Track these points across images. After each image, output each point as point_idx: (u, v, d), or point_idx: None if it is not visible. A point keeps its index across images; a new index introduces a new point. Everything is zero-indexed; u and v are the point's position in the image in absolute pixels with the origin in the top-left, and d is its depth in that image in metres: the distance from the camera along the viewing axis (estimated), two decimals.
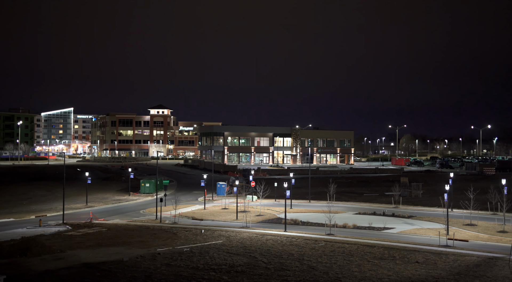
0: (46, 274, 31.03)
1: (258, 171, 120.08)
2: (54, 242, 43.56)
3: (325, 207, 55.83)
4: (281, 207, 65.89)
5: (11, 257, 36.41)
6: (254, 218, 58.85)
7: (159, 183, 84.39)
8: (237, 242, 43.92)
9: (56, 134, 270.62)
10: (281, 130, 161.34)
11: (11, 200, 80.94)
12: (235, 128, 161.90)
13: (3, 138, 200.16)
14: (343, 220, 55.44)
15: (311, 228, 52.43)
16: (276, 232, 49.24)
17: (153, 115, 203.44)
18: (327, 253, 39.30)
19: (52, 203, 77.10)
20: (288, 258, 36.99)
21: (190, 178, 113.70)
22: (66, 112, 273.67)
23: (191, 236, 47.30)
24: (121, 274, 31.21)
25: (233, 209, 65.17)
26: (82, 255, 37.84)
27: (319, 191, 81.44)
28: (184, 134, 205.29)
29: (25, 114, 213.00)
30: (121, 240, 45.21)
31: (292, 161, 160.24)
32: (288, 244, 43.10)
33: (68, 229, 53.11)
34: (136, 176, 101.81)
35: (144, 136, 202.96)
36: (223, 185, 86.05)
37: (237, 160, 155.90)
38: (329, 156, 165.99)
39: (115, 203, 76.04)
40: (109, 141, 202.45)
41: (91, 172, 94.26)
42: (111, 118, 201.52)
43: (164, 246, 41.99)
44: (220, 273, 32.17)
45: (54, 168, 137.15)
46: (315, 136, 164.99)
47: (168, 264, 34.59)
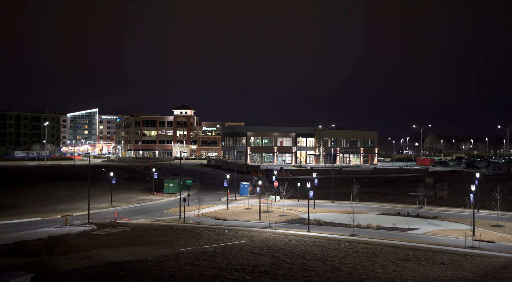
0: (72, 272, 31.48)
1: (281, 171, 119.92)
2: (80, 241, 44.15)
3: (349, 207, 55.48)
4: (304, 207, 65.72)
5: (38, 256, 37.02)
6: (277, 218, 58.79)
7: (182, 183, 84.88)
8: (260, 242, 43.93)
9: (81, 135, 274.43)
10: (304, 130, 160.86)
11: (38, 200, 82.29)
12: (257, 129, 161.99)
13: (30, 138, 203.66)
14: (366, 220, 55.03)
15: (334, 229, 52.16)
16: (299, 232, 49.11)
17: (177, 116, 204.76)
18: (351, 253, 39.05)
19: (78, 202, 78.17)
20: (311, 259, 36.86)
21: (213, 178, 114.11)
22: (91, 113, 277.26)
23: (214, 236, 47.46)
24: (145, 274, 31.48)
25: (256, 209, 65.21)
26: (107, 254, 38.27)
27: (342, 191, 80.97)
28: (207, 135, 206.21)
29: (52, 115, 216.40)
30: (145, 239, 45.60)
31: (315, 161, 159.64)
32: (311, 244, 42.94)
33: (93, 228, 53.76)
34: (159, 176, 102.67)
35: (167, 136, 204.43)
36: (246, 185, 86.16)
37: (260, 160, 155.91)
38: (353, 156, 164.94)
39: (139, 203, 76.75)
40: (133, 141, 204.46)
41: (115, 172, 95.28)
42: (135, 118, 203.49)
43: (188, 245, 42.22)
44: (243, 273, 32.21)
45: (80, 168, 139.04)
46: (338, 136, 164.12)
47: (191, 263, 34.76)
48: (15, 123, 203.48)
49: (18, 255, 37.34)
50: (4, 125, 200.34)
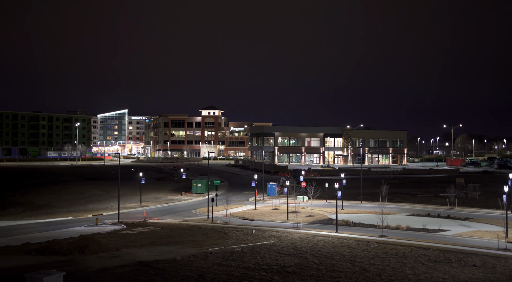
0: (103, 271, 31.95)
1: (309, 171, 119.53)
2: (110, 240, 44.79)
3: (377, 208, 54.96)
4: (332, 208, 65.39)
5: (70, 254, 37.69)
6: (305, 218, 58.63)
7: (210, 183, 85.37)
8: (288, 242, 43.88)
9: (111, 135, 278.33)
10: (332, 130, 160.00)
11: (69, 199, 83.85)
12: (285, 129, 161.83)
13: (62, 139, 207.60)
14: (396, 221, 54.44)
15: (363, 229, 51.74)
16: (327, 232, 48.87)
17: (205, 116, 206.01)
18: (380, 254, 38.68)
19: (108, 202, 79.34)
20: (339, 259, 36.64)
21: (240, 178, 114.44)
22: (121, 113, 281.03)
23: (242, 236, 47.58)
24: (174, 273, 31.75)
25: (283, 210, 65.15)
26: (137, 253, 38.73)
27: (371, 191, 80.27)
28: (235, 135, 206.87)
29: (83, 116, 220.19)
30: (174, 239, 46.00)
31: (343, 161, 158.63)
32: (340, 245, 42.69)
33: (123, 227, 54.46)
34: (188, 176, 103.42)
35: (195, 137, 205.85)
36: (273, 185, 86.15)
37: (288, 160, 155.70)
38: (381, 156, 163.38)
39: (168, 203, 77.47)
40: (161, 141, 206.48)
41: (144, 172, 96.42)
42: (163, 119, 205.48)
43: (216, 245, 42.43)
44: (271, 273, 32.21)
45: (110, 168, 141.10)
46: (366, 136, 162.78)
47: (219, 263, 34.92)
48: (48, 124, 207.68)
49: (50, 253, 38.10)
50: (37, 126, 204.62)
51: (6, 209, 75.83)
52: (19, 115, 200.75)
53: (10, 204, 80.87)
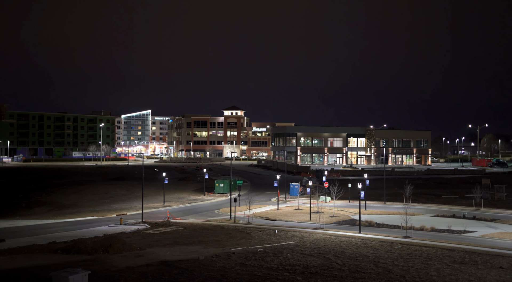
0: (127, 270, 32.22)
1: (332, 172, 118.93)
2: (134, 240, 45.19)
3: (401, 209, 54.41)
4: (355, 208, 64.94)
5: (94, 254, 38.12)
6: (328, 219, 58.35)
7: (233, 183, 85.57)
8: (310, 243, 43.71)
9: (135, 136, 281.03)
10: (354, 130, 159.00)
11: (94, 199, 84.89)
12: (307, 129, 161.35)
13: (87, 139, 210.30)
14: (420, 222, 53.83)
15: (386, 230, 51.27)
16: (350, 233, 48.55)
17: (227, 117, 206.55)
18: (404, 256, 38.26)
19: (132, 202, 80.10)
20: (363, 260, 36.35)
21: (263, 179, 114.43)
22: (144, 114, 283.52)
23: (264, 236, 47.55)
24: (197, 273, 31.86)
25: (306, 210, 64.94)
26: (160, 253, 38.97)
27: (395, 192, 79.52)
28: (257, 135, 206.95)
29: (107, 117, 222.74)
30: (197, 239, 46.19)
31: (366, 161, 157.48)
32: (363, 246, 42.36)
33: (146, 227, 54.91)
34: (210, 176, 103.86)
35: (218, 137, 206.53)
36: (296, 185, 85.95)
37: (310, 161, 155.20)
38: (405, 156, 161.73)
39: (190, 203, 77.87)
40: (184, 141, 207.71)
41: (167, 172, 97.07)
42: (186, 119, 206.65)
43: (239, 245, 42.47)
44: (294, 273, 32.11)
45: (133, 168, 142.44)
46: (390, 136, 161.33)
47: (242, 263, 34.93)
48: (73, 125, 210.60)
49: (76, 252, 38.58)
50: (63, 127, 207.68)
51: (33, 209, 77.20)
52: (45, 116, 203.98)
53: (37, 203, 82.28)
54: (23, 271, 31.76)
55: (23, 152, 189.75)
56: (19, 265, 33.83)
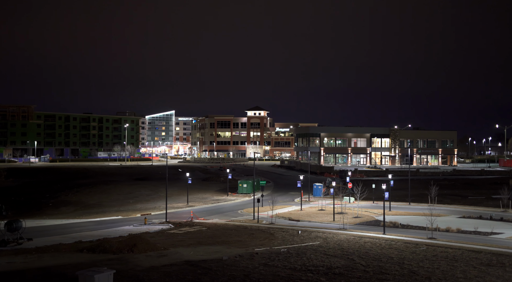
0: (151, 270, 32.50)
1: (355, 172, 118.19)
2: (158, 240, 45.56)
3: (426, 210, 53.78)
4: (379, 209, 64.41)
5: (119, 253, 38.54)
6: (352, 219, 57.99)
7: (256, 184, 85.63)
8: (334, 243, 43.49)
9: (159, 136, 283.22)
10: (378, 130, 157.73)
11: (119, 199, 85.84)
12: (331, 129, 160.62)
13: (112, 140, 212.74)
14: (445, 223, 53.12)
15: (411, 231, 50.74)
16: (374, 234, 48.17)
17: (250, 117, 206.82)
18: (429, 257, 37.80)
19: (156, 202, 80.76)
20: (387, 262, 36.02)
21: (286, 179, 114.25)
22: (168, 115, 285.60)
23: (288, 236, 47.48)
24: (221, 273, 31.96)
25: (329, 210, 64.64)
26: (184, 252, 39.20)
27: (420, 193, 78.61)
28: (280, 136, 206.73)
29: (131, 117, 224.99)
30: (220, 239, 46.35)
31: (390, 162, 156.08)
32: (387, 247, 41.99)
33: (170, 227, 55.29)
34: (234, 177, 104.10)
35: (241, 137, 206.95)
36: (319, 186, 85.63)
37: (334, 161, 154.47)
38: (430, 157, 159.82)
39: (214, 203, 78.15)
40: (208, 142, 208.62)
41: (191, 172, 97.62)
42: (209, 120, 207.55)
43: (262, 246, 42.48)
44: (317, 274, 31.99)
45: (157, 168, 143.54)
46: (415, 136, 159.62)
47: (265, 264, 34.93)
48: (98, 125, 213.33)
49: (101, 251, 39.07)
50: (88, 127, 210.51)
51: (59, 208, 78.44)
52: (71, 117, 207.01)
53: (63, 203, 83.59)
54: (51, 270, 32.31)
55: (49, 152, 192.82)
56: (47, 264, 34.42)
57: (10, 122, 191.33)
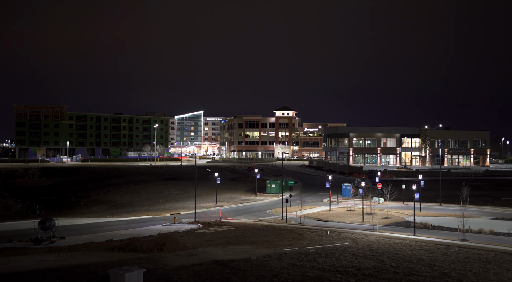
0: (180, 269, 32.75)
1: (385, 172, 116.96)
2: (187, 239, 45.89)
3: (458, 211, 52.86)
4: (409, 210, 63.60)
5: (149, 252, 38.96)
6: (381, 220, 57.40)
7: (284, 184, 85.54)
8: (363, 244, 43.13)
9: (188, 136, 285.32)
10: (409, 130, 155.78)
11: (148, 198, 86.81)
12: (360, 129, 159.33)
13: (142, 140, 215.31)
14: (478, 225, 52.11)
15: (442, 233, 49.95)
16: (404, 235, 47.59)
17: (279, 117, 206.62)
18: (461, 259, 37.13)
19: (185, 201, 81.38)
20: (418, 263, 35.53)
21: (315, 179, 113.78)
22: (197, 115, 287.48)
23: (316, 237, 47.29)
24: (249, 272, 32.01)
25: (359, 211, 64.12)
26: (213, 252, 39.39)
27: (451, 194, 77.32)
28: (309, 136, 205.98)
29: (161, 118, 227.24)
30: (248, 239, 46.43)
31: (420, 162, 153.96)
32: (418, 248, 41.42)
33: (199, 227, 55.63)
34: (262, 177, 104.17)
35: (269, 137, 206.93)
36: (348, 186, 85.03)
37: (363, 161, 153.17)
38: (462, 157, 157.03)
39: (242, 203, 78.33)
40: (236, 142, 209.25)
41: (220, 172, 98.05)
42: (238, 120, 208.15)
43: (290, 246, 42.40)
44: (346, 275, 31.76)
45: (186, 168, 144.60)
46: (446, 136, 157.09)
47: (294, 264, 34.85)
48: (128, 125, 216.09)
49: (131, 250, 39.55)
50: (119, 127, 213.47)
51: (91, 207, 79.78)
52: (102, 117, 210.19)
53: (94, 202, 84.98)
54: (82, 268, 32.87)
55: (81, 152, 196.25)
56: (79, 262, 35.03)
57: (43, 123, 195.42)
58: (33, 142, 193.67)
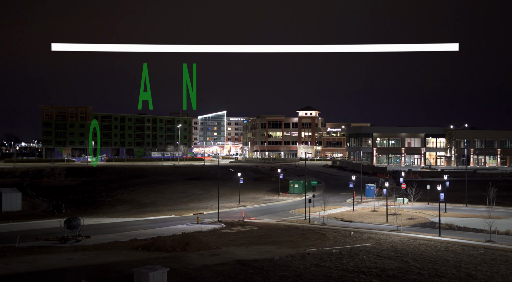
0: (204, 268, 32.94)
1: (409, 173, 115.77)
2: (211, 239, 46.11)
3: (484, 212, 52.04)
4: (434, 211, 62.85)
5: (173, 251, 39.28)
6: (405, 221, 56.84)
7: (307, 184, 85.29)
8: (387, 245, 42.77)
9: (211, 136, 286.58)
10: (433, 130, 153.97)
11: (172, 198, 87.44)
12: (384, 129, 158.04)
13: (165, 140, 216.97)
14: (505, 226, 51.21)
15: (468, 234, 49.26)
16: (429, 236, 47.05)
17: (301, 117, 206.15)
18: (487, 261, 36.56)
19: (208, 201, 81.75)
20: (443, 265, 35.10)
21: (338, 179, 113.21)
22: (219, 115, 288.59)
23: (340, 237, 47.06)
24: (272, 273, 32.02)
25: (382, 212, 63.60)
26: (236, 252, 39.51)
27: (477, 194, 76.08)
28: (332, 136, 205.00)
29: (184, 118, 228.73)
30: (271, 239, 46.45)
31: (446, 162, 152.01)
32: (443, 249, 40.92)
33: (222, 226, 55.83)
34: (285, 177, 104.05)
35: (292, 137, 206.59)
36: (372, 186, 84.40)
37: (387, 161, 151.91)
38: (488, 157, 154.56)
39: (265, 203, 78.36)
40: (259, 142, 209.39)
41: (242, 172, 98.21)
42: (261, 120, 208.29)
43: (313, 246, 42.28)
44: (370, 276, 31.54)
45: (209, 168, 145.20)
46: (471, 136, 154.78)
47: (317, 264, 34.75)
48: (152, 126, 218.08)
49: (155, 250, 39.93)
50: (143, 128, 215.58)
51: (115, 207, 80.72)
52: (126, 118, 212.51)
53: (119, 202, 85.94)
54: (107, 266, 33.30)
55: (106, 152, 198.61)
56: (103, 261, 35.50)
57: (69, 123, 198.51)
58: (59, 142, 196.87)
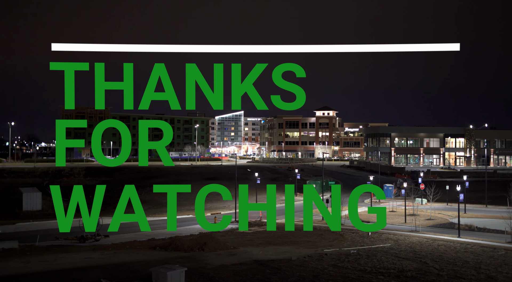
0: (221, 268, 33.01)
1: (428, 173, 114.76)
2: (228, 239, 46.23)
3: (505, 213, 51.37)
4: (453, 211, 62.22)
5: (190, 251, 39.46)
6: (424, 222, 56.37)
7: (325, 184, 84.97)
8: (406, 246, 42.45)
9: (228, 136, 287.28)
10: (452, 130, 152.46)
11: (190, 198, 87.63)
12: (402, 129, 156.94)
13: (183, 140, 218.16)
14: None
15: (488, 235, 48.69)
16: (448, 237, 46.60)
17: (319, 117, 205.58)
18: (508, 262, 36.06)
19: (225, 201, 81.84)
20: (462, 266, 34.71)
21: (355, 179, 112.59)
22: (237, 115, 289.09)
23: (357, 238, 46.83)
24: (290, 273, 31.97)
25: (401, 212, 63.14)
26: (253, 252, 39.55)
27: (497, 195, 75.12)
28: (350, 136, 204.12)
29: (201, 118, 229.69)
30: (289, 239, 46.39)
31: (465, 163, 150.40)
32: (463, 250, 40.47)
33: None
34: (302, 177, 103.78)
35: (309, 137, 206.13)
36: (390, 187, 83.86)
37: (405, 162, 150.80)
38: (508, 157, 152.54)
39: (282, 203, 78.23)
40: (276, 142, 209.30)
41: (260, 172, 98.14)
42: (278, 120, 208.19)
43: (331, 246, 42.13)
44: (388, 277, 31.32)
45: (227, 168, 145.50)
46: (492, 136, 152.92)
47: (335, 265, 34.61)
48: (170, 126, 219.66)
49: (173, 249, 40.16)
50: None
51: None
52: (144, 118, 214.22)
53: None
54: (126, 266, 33.58)
55: None
56: (122, 260, 35.80)
57: (88, 123, 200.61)
58: None
